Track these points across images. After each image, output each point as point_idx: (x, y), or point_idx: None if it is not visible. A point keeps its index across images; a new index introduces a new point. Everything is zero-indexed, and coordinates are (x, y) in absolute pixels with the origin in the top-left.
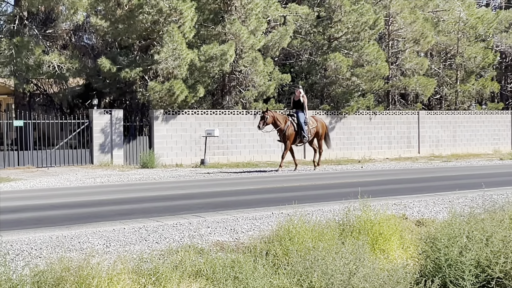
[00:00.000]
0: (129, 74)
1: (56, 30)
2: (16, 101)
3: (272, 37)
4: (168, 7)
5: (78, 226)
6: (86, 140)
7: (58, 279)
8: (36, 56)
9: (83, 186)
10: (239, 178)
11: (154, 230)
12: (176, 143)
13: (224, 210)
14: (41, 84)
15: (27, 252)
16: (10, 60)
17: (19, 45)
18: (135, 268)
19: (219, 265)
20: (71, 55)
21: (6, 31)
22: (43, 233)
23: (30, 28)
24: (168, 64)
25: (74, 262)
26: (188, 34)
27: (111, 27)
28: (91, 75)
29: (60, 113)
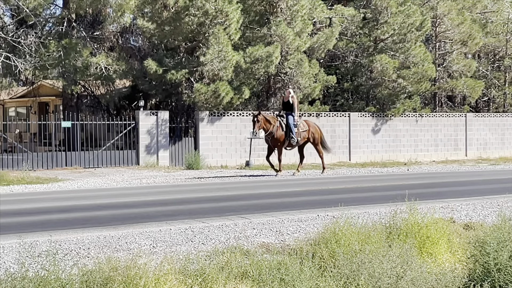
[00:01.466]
0: (175, 76)
1: (104, 32)
2: (64, 102)
3: (317, 38)
4: (214, 9)
5: (125, 226)
6: (132, 141)
7: (106, 279)
8: (84, 58)
9: (130, 187)
10: (283, 180)
11: (200, 231)
12: (221, 144)
13: (270, 212)
14: (88, 86)
15: (75, 252)
16: (59, 62)
17: (67, 47)
18: (182, 269)
19: (265, 267)
20: (118, 57)
21: (54, 33)
22: (91, 233)
23: (78, 30)
24: (213, 66)
25: (122, 262)
26: (234, 36)
27: (157, 29)
28: (138, 77)
29: (107, 114)
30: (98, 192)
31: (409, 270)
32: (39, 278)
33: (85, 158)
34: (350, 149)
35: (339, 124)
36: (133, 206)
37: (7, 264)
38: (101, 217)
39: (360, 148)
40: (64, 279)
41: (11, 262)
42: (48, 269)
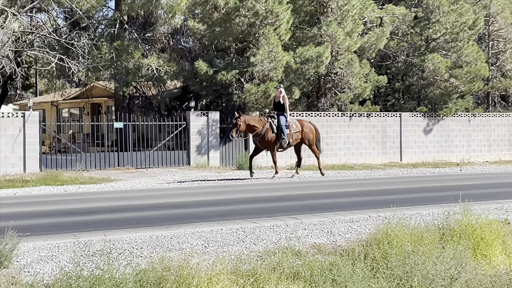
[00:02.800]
0: (225, 77)
1: (155, 33)
2: (116, 103)
3: (368, 38)
4: (264, 9)
5: (177, 226)
6: (183, 141)
7: (159, 278)
8: (136, 60)
9: (181, 187)
10: (334, 180)
11: (251, 232)
12: None
13: (321, 213)
14: (140, 87)
15: (129, 251)
16: (111, 63)
17: (119, 49)
18: (234, 269)
19: (317, 268)
20: (169, 58)
21: (107, 35)
22: (143, 232)
23: (130, 32)
24: (264, 67)
25: (174, 262)
26: (284, 36)
27: (208, 30)
28: (188, 78)
29: (158, 115)
30: (150, 192)
31: (463, 272)
32: (93, 277)
33: (137, 158)
34: (401, 149)
35: (390, 124)
36: (184, 206)
37: (62, 263)
38: (153, 217)
39: (411, 149)
40: (118, 278)
41: (66, 261)
42: (102, 268)
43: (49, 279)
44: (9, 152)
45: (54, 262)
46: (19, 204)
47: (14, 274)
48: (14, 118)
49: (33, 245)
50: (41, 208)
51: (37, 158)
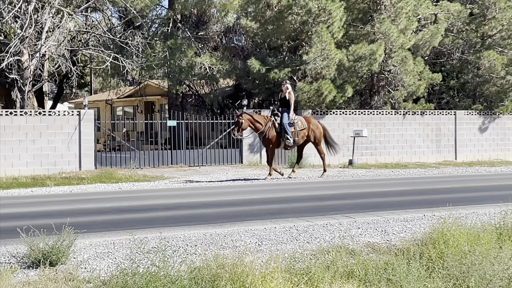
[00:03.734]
0: (278, 75)
1: (208, 32)
2: (170, 101)
3: (422, 35)
4: (317, 7)
5: (230, 224)
6: (235, 139)
7: (214, 276)
8: (189, 58)
9: (234, 185)
10: (387, 179)
11: (304, 230)
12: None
13: (374, 211)
14: (193, 85)
15: (183, 249)
16: (164, 62)
17: (173, 48)
18: (288, 267)
19: (371, 267)
20: (221, 56)
21: (160, 34)
22: (197, 230)
23: (183, 31)
24: (316, 65)
25: (229, 260)
26: (337, 34)
27: (260, 28)
28: (241, 76)
29: (211, 113)
30: (203, 190)
31: None
32: (149, 274)
33: (190, 156)
34: (456, 148)
35: (444, 123)
36: (237, 204)
37: (118, 259)
38: (206, 215)
39: (466, 147)
40: (173, 275)
41: (121, 258)
42: (158, 265)
43: (105, 275)
44: (65, 150)
45: (110, 258)
46: (75, 201)
47: (71, 270)
48: (70, 117)
49: (89, 242)
50: (97, 205)
51: (92, 156)
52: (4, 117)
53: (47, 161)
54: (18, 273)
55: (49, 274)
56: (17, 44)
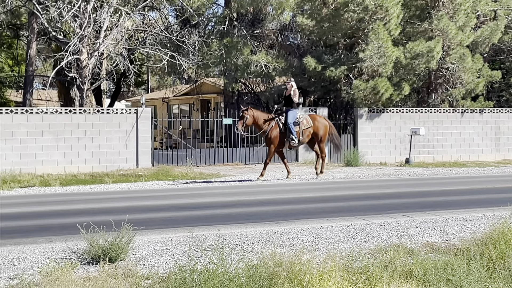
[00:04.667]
0: (333, 73)
1: (263, 30)
2: (225, 99)
3: (481, 32)
4: (374, 4)
5: (287, 222)
6: None
7: (271, 274)
8: (245, 56)
9: (289, 183)
10: (445, 178)
11: (361, 229)
12: (380, 141)
13: (432, 210)
14: (248, 83)
15: (240, 247)
16: (220, 60)
17: (229, 46)
18: (345, 266)
19: (430, 267)
20: (277, 54)
21: (216, 32)
22: (254, 228)
23: (239, 29)
24: (372, 62)
25: (286, 258)
26: (394, 31)
27: (316, 26)
28: (297, 74)
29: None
30: (259, 188)
31: None
32: (207, 271)
33: (245, 154)
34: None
35: (504, 121)
36: (293, 202)
37: (176, 256)
38: (263, 213)
39: None
40: (231, 273)
41: (179, 255)
42: (216, 263)
43: (164, 272)
44: (123, 147)
45: (168, 255)
46: (133, 199)
47: (130, 266)
48: (127, 115)
49: (147, 239)
50: (154, 203)
51: (149, 153)
52: (63, 115)
53: (105, 159)
54: (79, 268)
55: (108, 270)
56: (76, 43)
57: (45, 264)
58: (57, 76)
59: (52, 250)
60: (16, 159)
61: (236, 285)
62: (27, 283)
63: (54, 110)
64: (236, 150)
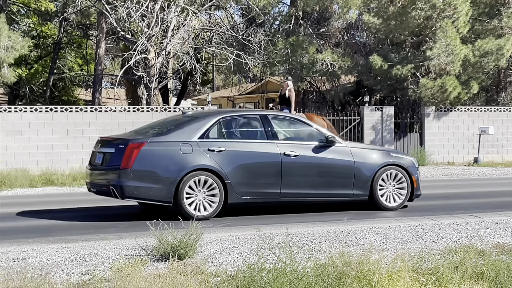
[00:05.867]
0: (400, 71)
1: (329, 28)
2: None
3: None
4: (442, 2)
5: (353, 221)
6: (357, 136)
7: (340, 273)
8: (310, 55)
9: None
10: None
11: (430, 229)
12: (447, 140)
13: (503, 211)
14: (314, 82)
15: (307, 246)
16: (286, 59)
17: (294, 44)
18: (414, 267)
19: (502, 268)
20: (343, 53)
21: (282, 31)
22: (321, 227)
23: (304, 28)
24: (440, 60)
25: (354, 258)
26: (462, 29)
27: (383, 24)
28: (362, 72)
29: (332, 109)
30: None
31: None
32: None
33: None
34: None
35: None
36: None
37: (244, 254)
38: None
39: None
40: (299, 272)
41: (247, 253)
42: (284, 261)
43: (232, 270)
44: None
45: (235, 253)
46: None
47: (199, 263)
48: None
49: (215, 236)
50: None
51: None
52: (131, 113)
53: None
54: (148, 265)
55: (178, 267)
56: (144, 42)
57: (115, 260)
58: (125, 75)
59: (122, 246)
60: (86, 157)
61: (305, 284)
62: (99, 279)
63: (123, 108)
64: None
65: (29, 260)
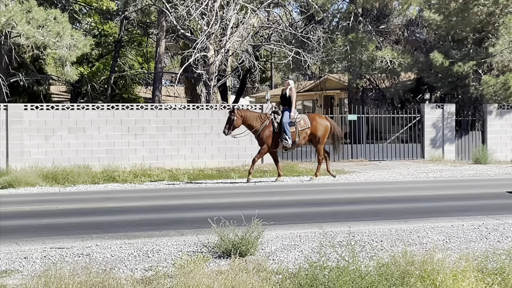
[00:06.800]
0: (461, 68)
1: (389, 25)
2: (350, 95)
3: None
4: None
5: (415, 220)
6: (417, 134)
7: (403, 273)
8: (370, 52)
9: (416, 181)
10: None
11: (494, 228)
12: (510, 138)
13: None
14: (373, 79)
15: (369, 244)
16: (345, 56)
17: (354, 41)
18: (479, 267)
19: None
20: (403, 50)
21: (341, 28)
22: (381, 225)
23: (364, 24)
24: (503, 57)
25: (417, 257)
26: None
27: (444, 21)
28: (423, 70)
29: (391, 107)
30: (385, 185)
31: None
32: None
33: (370, 151)
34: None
35: None
36: (421, 200)
37: (305, 252)
38: (390, 210)
39: None
40: (362, 270)
41: (308, 250)
42: (347, 260)
43: (293, 267)
44: (248, 143)
45: (297, 251)
46: (259, 194)
47: (260, 261)
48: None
49: (276, 234)
50: (280, 198)
51: None
52: (191, 111)
53: (231, 154)
54: (210, 262)
55: (239, 265)
56: (203, 40)
57: (178, 256)
58: (184, 73)
59: (184, 243)
60: (146, 154)
61: (368, 283)
62: (162, 275)
63: (182, 106)
64: (360, 147)
65: (93, 255)
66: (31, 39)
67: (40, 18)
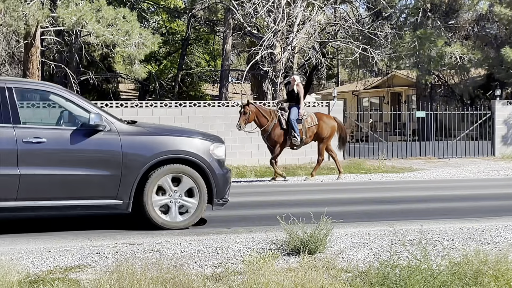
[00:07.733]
0: None
1: (458, 20)
2: (418, 92)
3: None
4: None
5: (487, 219)
6: (487, 131)
7: (476, 272)
8: (438, 48)
9: (487, 179)
10: None
11: None
12: None
13: None
14: (442, 75)
15: (440, 243)
16: (413, 52)
17: (422, 37)
18: None
19: None
20: (473, 45)
21: (409, 24)
22: (452, 224)
23: (432, 20)
24: None
25: (490, 256)
26: None
27: None
28: (493, 65)
29: (461, 104)
30: (455, 183)
31: None
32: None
33: (439, 148)
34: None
35: None
36: (494, 198)
37: (374, 250)
38: (460, 208)
39: None
40: (434, 269)
41: (378, 249)
42: (419, 259)
43: (363, 266)
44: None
45: (366, 249)
46: (327, 191)
47: (329, 259)
48: (319, 108)
49: (344, 232)
50: (348, 196)
51: None
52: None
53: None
54: (279, 259)
55: (308, 262)
56: (270, 38)
57: (247, 254)
58: (251, 70)
59: (252, 240)
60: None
61: (440, 282)
62: (231, 272)
63: None
64: (428, 144)
65: (164, 251)
66: (101, 37)
67: (110, 17)
